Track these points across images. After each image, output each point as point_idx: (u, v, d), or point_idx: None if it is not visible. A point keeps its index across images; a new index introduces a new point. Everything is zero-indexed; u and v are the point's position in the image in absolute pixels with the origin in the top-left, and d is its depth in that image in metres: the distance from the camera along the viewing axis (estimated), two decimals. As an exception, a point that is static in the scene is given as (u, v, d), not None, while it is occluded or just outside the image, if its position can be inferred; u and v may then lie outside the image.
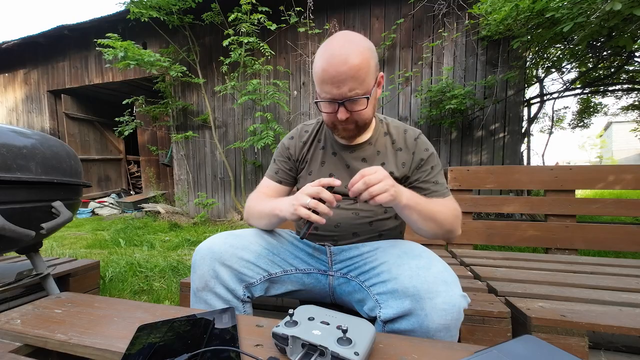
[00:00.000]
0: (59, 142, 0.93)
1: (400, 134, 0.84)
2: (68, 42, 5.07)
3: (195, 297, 0.73)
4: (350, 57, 0.64)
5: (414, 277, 0.59)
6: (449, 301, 0.55)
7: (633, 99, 5.23)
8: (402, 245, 0.72)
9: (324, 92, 0.69)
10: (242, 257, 0.74)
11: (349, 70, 0.64)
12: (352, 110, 0.70)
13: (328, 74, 0.66)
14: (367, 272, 0.70)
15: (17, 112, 5.95)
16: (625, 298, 0.87)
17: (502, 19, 2.78)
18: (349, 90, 0.66)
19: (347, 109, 0.69)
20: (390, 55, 3.74)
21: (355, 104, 0.69)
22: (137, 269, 1.97)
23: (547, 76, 4.31)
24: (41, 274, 0.96)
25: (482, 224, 1.52)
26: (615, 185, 1.41)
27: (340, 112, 0.69)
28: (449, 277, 0.59)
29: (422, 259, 0.63)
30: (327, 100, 0.69)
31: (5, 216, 0.73)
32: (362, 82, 0.66)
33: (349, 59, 0.64)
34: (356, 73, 0.65)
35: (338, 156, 0.85)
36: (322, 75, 0.67)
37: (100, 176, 6.25)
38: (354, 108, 0.70)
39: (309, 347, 0.45)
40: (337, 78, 0.65)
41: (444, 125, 3.50)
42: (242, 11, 3.33)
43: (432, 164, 0.81)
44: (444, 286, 0.57)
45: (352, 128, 0.75)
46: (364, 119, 0.73)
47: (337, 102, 0.68)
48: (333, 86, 0.66)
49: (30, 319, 0.63)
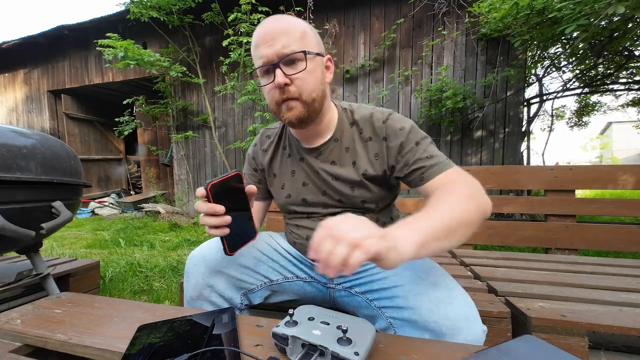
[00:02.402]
0: (59, 142, 0.93)
1: (367, 120, 0.70)
2: (68, 42, 5.07)
3: (189, 305, 0.71)
4: (282, 17, 0.62)
5: (434, 311, 0.55)
6: (470, 339, 0.53)
7: (633, 96, 5.23)
8: (413, 266, 0.64)
9: (258, 58, 0.62)
10: (240, 263, 0.72)
11: (282, 25, 0.60)
12: (290, 74, 0.61)
13: (260, 34, 0.61)
14: (377, 292, 0.65)
15: (17, 112, 5.96)
16: (625, 298, 0.87)
17: (502, 17, 2.78)
18: (282, 47, 0.59)
19: (283, 72, 0.60)
20: (390, 55, 3.74)
21: (293, 66, 0.61)
22: (137, 269, 1.97)
23: (546, 75, 4.31)
24: (41, 274, 0.96)
25: (482, 224, 1.52)
26: (615, 185, 1.41)
27: (278, 75, 0.60)
28: (470, 312, 0.55)
29: (442, 290, 0.57)
30: (262, 67, 0.62)
31: (5, 216, 0.73)
32: (298, 39, 0.60)
33: (282, 18, 0.62)
34: (289, 28, 0.61)
35: (306, 162, 0.75)
36: (256, 39, 0.62)
37: (100, 176, 6.25)
38: (293, 70, 0.61)
39: (309, 347, 0.45)
40: (269, 35, 0.60)
41: (443, 124, 3.50)
42: (242, 11, 3.33)
43: (415, 139, 0.66)
44: (466, 323, 0.54)
45: (297, 106, 0.63)
46: (308, 89, 0.62)
47: (273, 65, 0.60)
48: (266, 45, 0.60)
49: (30, 319, 0.63)
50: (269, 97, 0.65)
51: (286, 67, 0.61)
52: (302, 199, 0.76)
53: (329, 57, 0.68)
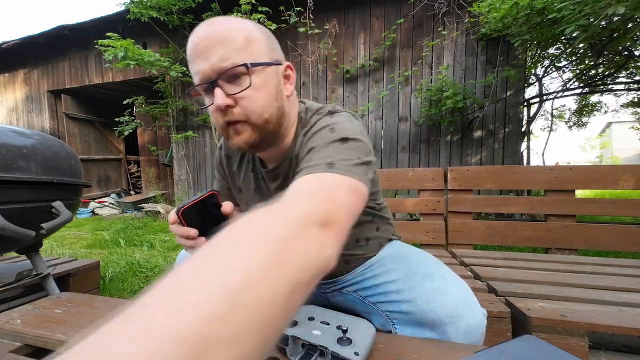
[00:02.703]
0: (59, 142, 0.94)
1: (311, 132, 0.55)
2: (68, 42, 5.07)
3: None
4: (220, 21, 0.49)
5: (431, 301, 0.54)
6: (472, 324, 0.52)
7: (632, 96, 5.23)
8: (405, 260, 0.63)
9: (195, 74, 0.50)
10: None
11: (219, 32, 0.48)
12: (232, 94, 0.48)
13: (193, 45, 0.49)
14: (369, 289, 0.64)
15: (17, 112, 5.95)
16: (625, 298, 0.87)
17: (502, 17, 2.78)
18: (219, 60, 0.47)
19: (224, 90, 0.48)
20: (390, 55, 3.74)
21: (236, 82, 0.49)
22: (137, 269, 1.97)
23: (546, 75, 4.31)
24: (41, 274, 0.96)
25: (482, 224, 1.52)
26: (615, 185, 1.41)
27: (217, 97, 0.48)
28: (467, 297, 0.55)
29: (436, 280, 0.57)
30: (200, 85, 0.50)
31: (5, 216, 0.73)
32: (240, 48, 0.48)
33: (218, 22, 0.49)
34: (228, 34, 0.48)
35: (265, 183, 0.65)
36: (189, 52, 0.50)
37: (100, 176, 6.25)
38: (234, 89, 0.48)
39: (309, 347, 0.45)
40: (204, 44, 0.48)
41: (443, 124, 3.50)
42: (242, 11, 3.33)
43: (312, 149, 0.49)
44: (465, 308, 0.53)
45: (245, 130, 0.51)
46: (257, 110, 0.50)
47: (210, 83, 0.48)
48: (200, 58, 0.48)
49: (30, 319, 0.63)
50: (213, 119, 0.53)
51: (227, 85, 0.49)
52: None
53: (288, 65, 0.56)
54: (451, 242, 1.54)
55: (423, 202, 1.58)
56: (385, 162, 3.83)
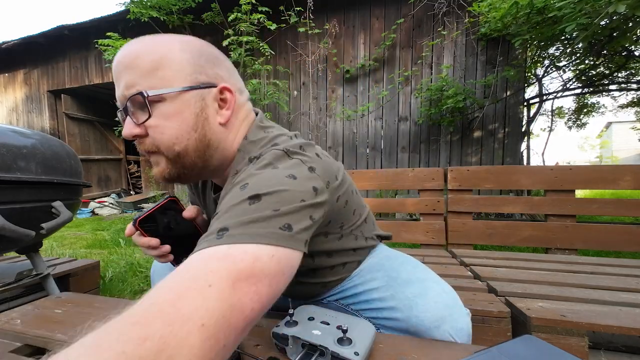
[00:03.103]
0: (59, 142, 0.94)
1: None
2: (68, 42, 5.07)
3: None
4: (130, 45, 0.45)
5: (413, 307, 0.54)
6: (456, 326, 0.52)
7: (632, 96, 5.23)
8: (382, 267, 0.62)
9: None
10: None
11: (125, 57, 0.44)
12: (139, 123, 0.45)
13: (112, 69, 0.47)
14: (351, 297, 0.64)
15: (17, 112, 5.96)
16: (625, 298, 0.87)
17: (502, 17, 2.78)
18: (125, 87, 0.44)
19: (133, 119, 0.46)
20: (390, 55, 3.74)
21: (142, 112, 0.45)
22: (137, 269, 1.97)
23: (546, 75, 4.31)
24: (41, 274, 0.96)
25: (482, 224, 1.52)
26: (615, 185, 1.41)
27: (126, 126, 0.46)
28: (448, 299, 0.54)
29: (415, 285, 0.56)
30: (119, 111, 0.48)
31: (5, 216, 0.73)
32: (146, 74, 0.44)
33: (128, 47, 0.45)
34: (136, 58, 0.44)
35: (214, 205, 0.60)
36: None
37: (100, 176, 6.25)
38: (142, 118, 0.45)
39: (309, 347, 0.45)
40: (115, 70, 0.46)
41: (443, 124, 3.50)
42: (242, 11, 3.33)
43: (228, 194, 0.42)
44: (447, 310, 0.53)
45: (161, 161, 0.48)
46: (166, 141, 0.46)
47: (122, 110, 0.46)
48: (116, 84, 0.46)
49: (30, 319, 0.63)
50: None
51: (138, 112, 0.45)
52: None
53: (224, 87, 0.49)
54: (451, 242, 1.54)
55: (423, 202, 1.59)
56: (385, 162, 3.83)
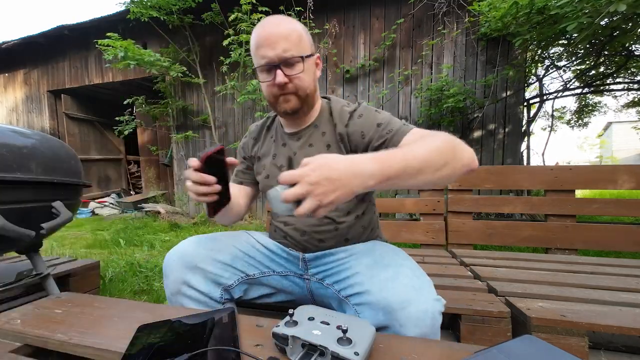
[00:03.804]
0: (59, 142, 0.94)
1: (339, 111, 0.78)
2: (68, 42, 5.07)
3: (170, 303, 0.75)
4: (282, 22, 0.69)
5: (383, 289, 0.58)
6: (422, 309, 0.54)
7: (633, 96, 5.23)
8: (374, 253, 0.69)
9: (260, 58, 0.69)
10: (217, 259, 0.75)
11: (282, 31, 0.67)
12: (289, 75, 0.69)
13: (262, 36, 0.68)
14: (343, 282, 0.69)
15: (17, 112, 5.96)
16: (625, 298, 0.87)
17: (502, 16, 2.78)
18: (283, 51, 0.67)
19: (284, 72, 0.68)
20: (390, 55, 3.74)
21: (291, 68, 0.69)
22: (137, 269, 1.97)
23: (546, 75, 4.31)
24: (41, 274, 0.96)
25: (482, 224, 1.52)
26: (615, 185, 1.41)
27: (278, 76, 0.68)
28: (416, 283, 0.58)
29: (390, 269, 0.61)
30: (264, 66, 0.70)
31: (5, 216, 0.73)
32: (296, 44, 0.68)
33: (282, 23, 0.69)
34: (289, 34, 0.68)
35: (287, 147, 0.82)
36: (257, 39, 0.69)
37: (100, 176, 6.25)
38: (291, 72, 0.69)
39: (309, 347, 0.45)
40: (271, 39, 0.67)
41: (443, 124, 3.50)
42: (242, 11, 3.33)
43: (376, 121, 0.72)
44: (414, 293, 0.56)
45: (292, 99, 0.72)
46: (304, 87, 0.72)
47: (274, 65, 0.68)
48: (268, 47, 0.67)
49: (30, 319, 0.63)
50: (267, 91, 0.73)
51: (286, 68, 0.69)
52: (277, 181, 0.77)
53: (318, 56, 0.77)
54: (451, 242, 1.54)
55: (423, 202, 1.59)
56: (385, 162, 3.82)
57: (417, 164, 0.51)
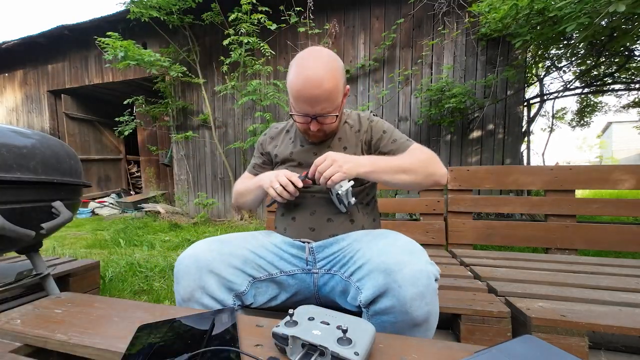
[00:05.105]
0: (59, 142, 0.93)
1: (355, 118, 0.95)
2: (68, 42, 5.06)
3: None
4: (324, 81, 0.74)
5: (382, 254, 0.63)
6: (417, 268, 0.59)
7: (634, 96, 5.23)
8: (375, 232, 0.78)
9: (299, 108, 0.79)
10: (230, 263, 0.74)
11: (323, 93, 0.75)
12: (323, 123, 0.81)
13: (303, 95, 0.76)
14: (347, 264, 0.73)
15: (17, 112, 5.95)
16: (625, 298, 0.87)
17: (501, 18, 2.78)
18: (321, 110, 0.77)
19: (318, 122, 0.80)
20: (390, 55, 3.74)
21: (326, 119, 0.81)
22: (137, 269, 1.97)
23: (547, 75, 4.31)
24: (41, 274, 0.96)
25: (482, 224, 1.52)
26: (615, 185, 1.41)
27: (313, 125, 0.81)
28: (413, 247, 0.64)
29: (389, 238, 0.69)
30: (301, 115, 0.80)
31: (5, 216, 0.73)
32: (333, 102, 0.78)
33: (323, 83, 0.74)
34: (329, 96, 0.76)
35: (306, 147, 0.93)
36: (297, 95, 0.77)
37: (100, 176, 6.24)
38: (325, 122, 0.81)
39: (309, 347, 0.45)
40: (312, 100, 0.76)
41: (443, 124, 3.49)
42: (242, 11, 3.33)
43: (385, 132, 0.92)
44: (409, 256, 0.61)
45: (321, 135, 0.87)
46: (333, 128, 0.87)
47: (310, 117, 0.79)
48: (307, 105, 0.77)
49: (30, 319, 0.63)
50: (299, 126, 0.87)
51: (320, 118, 0.80)
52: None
53: (347, 88, 0.86)
54: (451, 242, 1.54)
55: (423, 202, 1.59)
56: (385, 162, 3.83)
57: (395, 168, 0.80)
